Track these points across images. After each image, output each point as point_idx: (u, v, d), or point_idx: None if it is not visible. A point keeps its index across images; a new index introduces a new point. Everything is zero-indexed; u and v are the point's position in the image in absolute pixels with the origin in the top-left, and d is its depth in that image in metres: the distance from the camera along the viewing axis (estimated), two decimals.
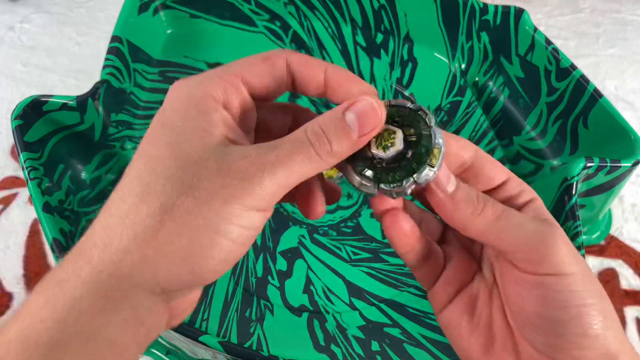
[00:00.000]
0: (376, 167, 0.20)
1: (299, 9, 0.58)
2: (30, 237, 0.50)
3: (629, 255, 0.52)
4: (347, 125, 0.19)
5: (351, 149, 0.20)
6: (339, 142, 0.19)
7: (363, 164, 0.20)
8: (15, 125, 0.40)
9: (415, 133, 0.20)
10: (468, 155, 0.22)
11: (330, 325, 0.42)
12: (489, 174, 0.23)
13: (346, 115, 0.19)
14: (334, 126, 0.19)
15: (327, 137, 0.19)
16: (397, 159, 0.20)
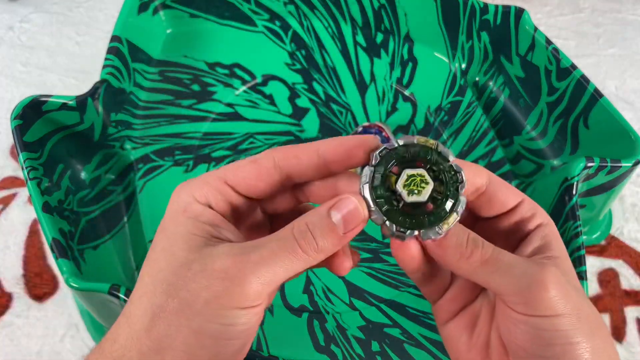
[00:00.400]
0: (392, 200, 0.21)
1: (298, 8, 0.58)
2: (30, 237, 0.50)
3: (629, 255, 0.52)
4: (332, 223, 0.20)
5: (337, 244, 0.20)
6: (325, 239, 0.20)
7: (382, 191, 0.21)
8: (14, 125, 0.40)
9: (442, 193, 0.21)
10: (482, 181, 0.23)
11: (330, 325, 0.42)
12: (502, 198, 0.23)
13: (331, 214, 0.20)
14: (319, 224, 0.20)
15: (313, 234, 0.20)
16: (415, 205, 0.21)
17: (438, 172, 0.21)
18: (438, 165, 0.21)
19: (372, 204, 0.20)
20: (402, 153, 0.21)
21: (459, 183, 0.21)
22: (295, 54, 0.58)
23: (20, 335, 0.45)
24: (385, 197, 0.20)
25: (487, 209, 0.23)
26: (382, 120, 0.54)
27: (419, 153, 0.21)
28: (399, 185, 0.20)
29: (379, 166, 0.21)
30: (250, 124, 0.53)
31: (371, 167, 0.21)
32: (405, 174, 0.21)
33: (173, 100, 0.53)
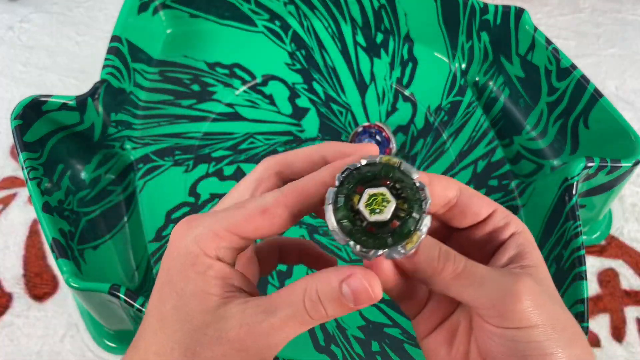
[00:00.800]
0: (355, 220, 0.20)
1: (298, 8, 0.58)
2: (30, 237, 0.50)
3: (629, 255, 0.52)
4: (343, 297, 0.20)
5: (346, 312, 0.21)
6: (334, 310, 0.20)
7: (346, 211, 0.20)
8: (14, 125, 0.40)
9: (407, 211, 0.20)
10: (452, 194, 0.23)
11: (330, 325, 0.42)
12: (474, 209, 0.23)
13: (343, 288, 0.20)
14: (330, 296, 0.20)
15: (323, 305, 0.20)
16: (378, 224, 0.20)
17: (401, 190, 0.20)
18: (401, 182, 0.21)
19: (335, 225, 0.20)
20: (365, 172, 0.21)
21: (423, 200, 0.20)
22: (295, 54, 0.58)
23: (20, 335, 0.45)
24: (349, 217, 0.20)
25: (459, 220, 0.23)
26: (382, 121, 0.54)
27: (382, 172, 0.21)
28: (361, 205, 0.20)
29: (341, 187, 0.20)
30: (250, 124, 0.53)
31: (334, 188, 0.20)
32: (366, 193, 0.20)
33: (173, 100, 0.53)
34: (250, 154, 0.50)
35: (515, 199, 0.50)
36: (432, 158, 0.51)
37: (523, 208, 0.49)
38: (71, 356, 0.44)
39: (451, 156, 0.52)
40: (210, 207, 0.47)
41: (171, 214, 0.46)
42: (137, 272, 0.44)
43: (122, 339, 0.43)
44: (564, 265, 0.40)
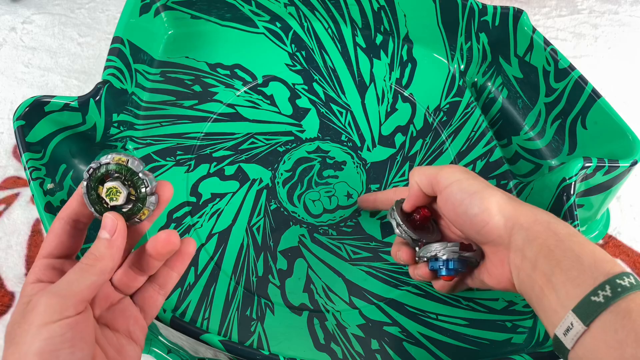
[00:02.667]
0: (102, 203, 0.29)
1: (299, 10, 0.59)
2: (32, 237, 0.51)
3: (627, 254, 0.52)
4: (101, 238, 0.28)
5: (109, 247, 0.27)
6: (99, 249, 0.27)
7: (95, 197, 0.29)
8: (17, 125, 0.41)
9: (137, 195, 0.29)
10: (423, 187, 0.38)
11: (330, 323, 0.42)
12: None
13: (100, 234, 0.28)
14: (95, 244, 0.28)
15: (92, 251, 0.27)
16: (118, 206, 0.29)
17: (130, 181, 0.29)
18: (131, 176, 0.29)
19: (91, 208, 0.29)
20: (103, 171, 0.29)
21: (147, 187, 0.29)
22: (295, 55, 0.58)
23: None
24: (99, 202, 0.29)
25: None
26: (382, 121, 0.54)
27: (115, 169, 0.29)
28: (103, 195, 0.29)
29: (90, 181, 0.29)
30: (251, 124, 0.53)
31: (85, 182, 0.29)
32: (105, 187, 0.29)
33: (174, 101, 0.53)
34: (251, 154, 0.51)
35: None
36: (431, 158, 0.52)
37: None
38: None
39: (450, 156, 0.52)
40: (211, 207, 0.47)
41: (173, 214, 0.47)
42: None
43: None
44: None
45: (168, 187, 0.30)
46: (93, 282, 0.26)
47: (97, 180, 0.29)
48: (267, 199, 0.48)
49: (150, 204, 0.29)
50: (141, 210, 0.29)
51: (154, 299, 0.31)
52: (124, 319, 0.30)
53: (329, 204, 0.48)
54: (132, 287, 0.31)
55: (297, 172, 0.50)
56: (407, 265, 0.40)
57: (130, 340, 0.29)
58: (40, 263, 0.28)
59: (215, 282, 0.43)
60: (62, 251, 0.29)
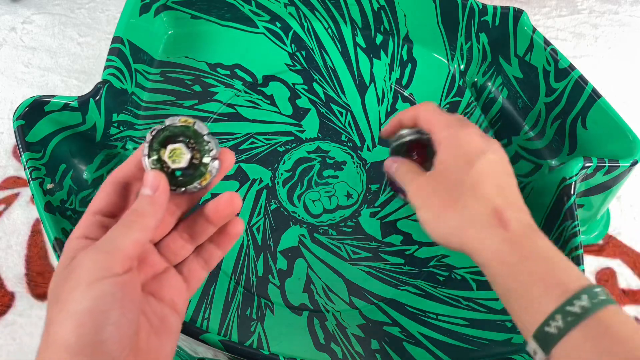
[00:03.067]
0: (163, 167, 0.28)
1: (299, 9, 0.59)
2: (32, 237, 0.51)
3: (627, 254, 0.52)
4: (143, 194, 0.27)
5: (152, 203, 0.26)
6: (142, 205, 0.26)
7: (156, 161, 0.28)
8: (17, 125, 0.41)
9: (200, 159, 0.28)
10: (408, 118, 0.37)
11: (330, 324, 0.42)
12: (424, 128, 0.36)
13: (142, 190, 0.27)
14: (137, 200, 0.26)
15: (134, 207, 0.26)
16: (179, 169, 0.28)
17: (195, 144, 0.28)
18: (196, 138, 0.28)
19: (148, 169, 0.27)
20: (168, 132, 0.28)
21: (210, 150, 0.28)
22: (295, 55, 0.58)
23: (23, 334, 0.45)
24: (158, 166, 0.27)
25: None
26: (382, 121, 0.54)
27: (180, 130, 0.28)
28: (165, 157, 0.27)
29: (152, 143, 0.28)
30: (251, 124, 0.53)
31: (147, 144, 0.27)
32: (168, 148, 0.28)
33: (174, 101, 0.53)
34: (251, 154, 0.51)
35: None
36: None
37: None
38: None
39: None
40: None
41: None
42: None
43: None
44: None
45: (230, 154, 0.29)
46: (137, 238, 0.25)
47: (161, 142, 0.28)
48: (267, 199, 0.48)
49: (213, 169, 0.28)
50: (203, 175, 0.28)
51: (198, 272, 0.30)
52: (168, 289, 0.29)
53: (329, 204, 0.48)
54: (179, 255, 0.30)
55: (297, 172, 0.50)
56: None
57: (173, 310, 0.28)
58: (87, 219, 0.27)
59: (215, 282, 0.43)
60: (111, 210, 0.28)
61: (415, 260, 0.46)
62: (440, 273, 0.45)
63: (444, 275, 0.45)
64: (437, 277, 0.45)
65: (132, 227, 0.25)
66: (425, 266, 0.45)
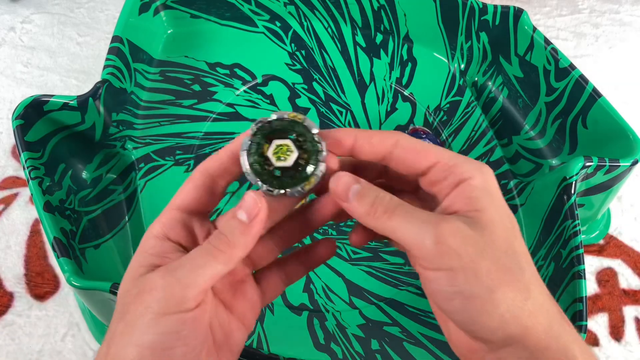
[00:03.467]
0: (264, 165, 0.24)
1: (299, 9, 0.58)
2: (31, 237, 0.51)
3: (628, 254, 0.52)
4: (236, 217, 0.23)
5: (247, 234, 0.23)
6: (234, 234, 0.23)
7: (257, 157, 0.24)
8: (16, 125, 0.41)
9: (306, 159, 0.24)
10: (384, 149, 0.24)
11: (330, 324, 0.42)
12: (410, 162, 0.24)
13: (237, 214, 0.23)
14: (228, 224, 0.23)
15: (225, 234, 0.23)
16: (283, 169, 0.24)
17: (303, 142, 0.24)
18: (304, 136, 0.24)
19: (248, 168, 0.24)
20: (275, 126, 0.24)
21: (320, 151, 0.24)
22: (295, 54, 0.58)
23: (22, 335, 0.45)
24: (259, 162, 0.24)
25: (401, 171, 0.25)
26: (383, 121, 0.54)
27: (288, 126, 0.24)
28: (270, 153, 0.24)
29: (254, 137, 0.24)
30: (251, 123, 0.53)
31: (249, 138, 0.24)
32: (274, 143, 0.24)
33: (174, 100, 0.53)
34: None
35: (514, 199, 0.50)
36: None
37: (522, 207, 0.49)
38: (72, 355, 0.44)
39: None
40: None
41: None
42: None
43: None
44: (563, 264, 0.40)
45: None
46: (219, 271, 0.22)
47: (266, 136, 0.24)
48: None
49: (320, 172, 0.24)
50: (307, 179, 0.24)
51: (277, 285, 0.28)
52: (243, 301, 0.26)
53: None
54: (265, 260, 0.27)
55: None
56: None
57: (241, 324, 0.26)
58: (170, 214, 0.24)
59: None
60: (196, 206, 0.25)
61: None
62: None
63: None
64: None
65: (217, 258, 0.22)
66: None
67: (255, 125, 0.24)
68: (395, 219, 0.23)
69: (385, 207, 0.23)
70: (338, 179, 0.23)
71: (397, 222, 0.22)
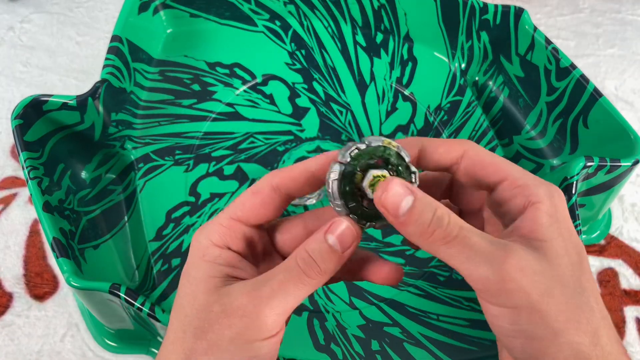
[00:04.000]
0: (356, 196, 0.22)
1: (299, 8, 0.58)
2: (31, 237, 0.50)
3: (629, 255, 0.52)
4: (329, 245, 0.21)
5: (338, 263, 0.22)
6: (325, 262, 0.21)
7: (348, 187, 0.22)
8: (15, 124, 0.40)
9: None
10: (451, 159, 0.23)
11: (330, 324, 0.42)
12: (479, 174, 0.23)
13: (328, 238, 0.21)
14: (319, 249, 0.21)
15: (315, 259, 0.21)
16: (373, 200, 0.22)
17: (397, 173, 0.23)
18: (398, 166, 0.23)
19: (339, 197, 0.22)
20: (370, 153, 0.22)
21: (414, 183, 0.23)
22: (295, 54, 0.58)
23: (21, 335, 0.45)
24: (351, 192, 0.22)
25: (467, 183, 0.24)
26: (383, 121, 0.54)
27: (383, 154, 0.23)
28: (365, 184, 0.22)
29: (349, 165, 0.22)
30: (251, 123, 0.53)
31: (341, 165, 0.22)
32: (371, 174, 0.22)
33: (173, 100, 0.53)
34: (250, 154, 0.51)
35: None
36: None
37: None
38: (72, 355, 0.44)
39: None
40: (210, 207, 0.47)
41: (171, 214, 0.46)
42: (138, 271, 0.44)
43: (122, 338, 0.43)
44: None
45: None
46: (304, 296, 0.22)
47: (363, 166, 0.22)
48: None
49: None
50: None
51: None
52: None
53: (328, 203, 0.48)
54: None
55: None
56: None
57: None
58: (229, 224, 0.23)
59: None
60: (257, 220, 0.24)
61: (416, 261, 0.45)
62: (441, 273, 0.45)
63: (445, 275, 0.45)
64: (438, 277, 0.45)
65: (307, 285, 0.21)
66: (426, 266, 0.45)
67: (347, 151, 0.22)
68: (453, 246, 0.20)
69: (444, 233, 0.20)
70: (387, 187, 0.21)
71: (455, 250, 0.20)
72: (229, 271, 0.22)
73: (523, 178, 0.22)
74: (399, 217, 0.21)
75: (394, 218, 0.21)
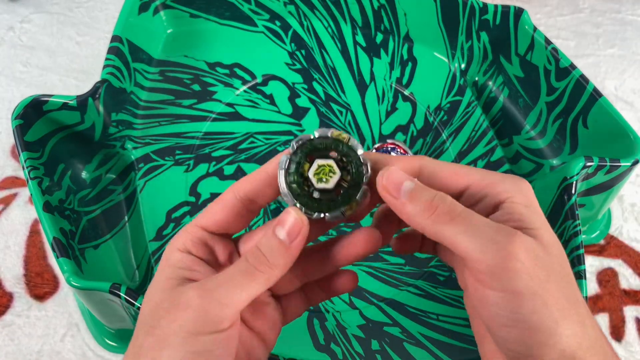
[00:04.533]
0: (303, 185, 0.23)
1: (299, 8, 0.58)
2: (31, 237, 0.50)
3: (628, 255, 0.52)
4: (278, 237, 0.22)
5: (287, 255, 0.22)
6: (274, 255, 0.22)
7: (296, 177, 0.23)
8: (15, 124, 0.41)
9: (348, 182, 0.23)
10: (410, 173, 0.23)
11: (330, 324, 0.42)
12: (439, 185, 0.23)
13: (277, 231, 0.22)
14: (267, 242, 0.22)
15: (263, 252, 0.22)
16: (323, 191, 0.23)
17: (346, 163, 0.23)
18: (347, 157, 0.23)
19: (285, 188, 0.22)
20: (317, 144, 0.23)
21: (365, 174, 0.23)
22: (295, 54, 0.58)
23: (21, 335, 0.45)
24: (298, 182, 0.23)
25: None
26: (383, 121, 0.54)
27: (331, 145, 0.23)
28: (310, 173, 0.22)
29: (295, 155, 0.23)
30: (251, 123, 0.53)
31: (288, 156, 0.23)
32: (316, 163, 0.23)
33: (173, 100, 0.53)
34: (250, 154, 0.51)
35: None
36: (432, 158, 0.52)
37: None
38: (72, 355, 0.44)
39: (451, 156, 0.52)
40: None
41: (172, 214, 0.46)
42: (138, 271, 0.44)
43: (122, 338, 0.44)
44: None
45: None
46: (257, 291, 0.22)
47: (307, 155, 0.23)
48: None
49: (363, 195, 0.23)
50: (348, 202, 0.22)
51: (298, 307, 0.27)
52: (263, 319, 0.25)
53: None
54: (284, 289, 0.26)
55: None
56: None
57: (262, 343, 0.25)
58: (194, 231, 0.24)
59: None
60: (221, 228, 0.24)
61: (415, 260, 0.45)
62: (441, 273, 0.45)
63: (445, 275, 0.45)
64: (437, 277, 0.45)
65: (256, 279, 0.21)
66: (426, 266, 0.45)
67: (296, 143, 0.23)
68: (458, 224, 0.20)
69: (448, 208, 0.20)
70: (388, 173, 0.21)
71: (460, 228, 0.20)
72: (187, 274, 0.23)
73: (486, 178, 0.22)
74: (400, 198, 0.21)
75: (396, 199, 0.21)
